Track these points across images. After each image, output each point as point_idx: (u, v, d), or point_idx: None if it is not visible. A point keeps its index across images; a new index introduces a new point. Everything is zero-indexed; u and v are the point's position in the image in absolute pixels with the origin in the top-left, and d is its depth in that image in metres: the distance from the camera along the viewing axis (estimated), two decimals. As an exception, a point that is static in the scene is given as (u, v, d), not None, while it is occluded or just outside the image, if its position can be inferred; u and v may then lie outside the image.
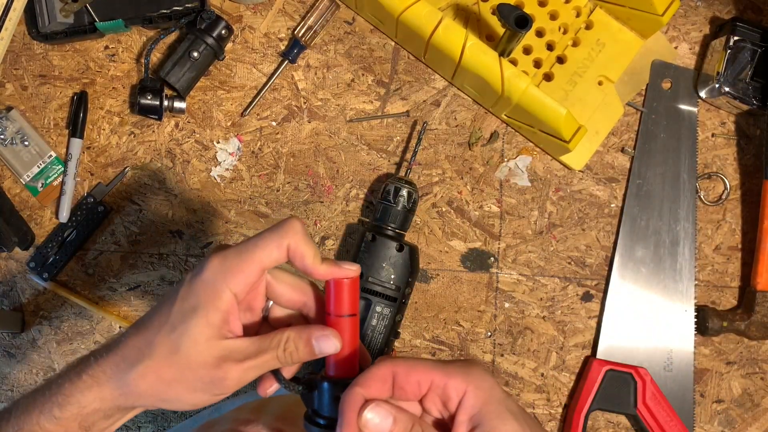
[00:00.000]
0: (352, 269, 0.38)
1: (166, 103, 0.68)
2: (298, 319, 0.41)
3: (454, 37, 0.63)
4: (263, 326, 0.41)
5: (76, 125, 0.69)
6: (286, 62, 0.70)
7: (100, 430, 0.38)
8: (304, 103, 0.71)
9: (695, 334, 0.69)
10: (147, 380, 0.36)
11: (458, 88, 0.71)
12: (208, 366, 0.36)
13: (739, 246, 0.71)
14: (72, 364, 0.38)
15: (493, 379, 0.36)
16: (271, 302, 0.40)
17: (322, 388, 0.38)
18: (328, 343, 0.37)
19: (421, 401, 0.36)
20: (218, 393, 0.37)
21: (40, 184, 0.70)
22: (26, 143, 0.69)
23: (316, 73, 0.71)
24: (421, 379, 0.34)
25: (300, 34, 0.70)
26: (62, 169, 0.70)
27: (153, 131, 0.71)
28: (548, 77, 0.70)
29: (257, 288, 0.39)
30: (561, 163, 0.71)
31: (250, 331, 0.40)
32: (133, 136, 0.71)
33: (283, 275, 0.39)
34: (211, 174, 0.70)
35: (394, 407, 0.34)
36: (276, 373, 0.39)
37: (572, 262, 0.70)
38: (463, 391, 0.34)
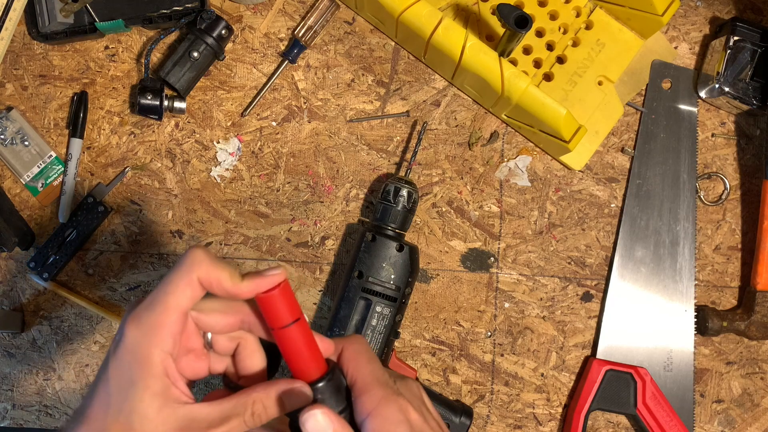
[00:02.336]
0: (275, 274, 0.35)
1: (166, 103, 0.68)
2: (247, 340, 0.38)
3: (454, 37, 0.63)
4: (213, 360, 0.38)
5: (76, 125, 0.69)
6: (286, 62, 0.70)
7: None
8: (304, 103, 0.71)
9: (695, 334, 0.69)
10: None
11: (458, 88, 0.71)
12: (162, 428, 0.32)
13: (739, 246, 0.71)
14: None
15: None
16: (209, 334, 0.37)
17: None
18: (300, 398, 0.34)
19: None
20: None
21: (40, 184, 0.70)
22: (26, 143, 0.69)
23: (316, 73, 0.71)
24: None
25: (300, 34, 0.70)
26: (62, 169, 0.70)
27: (153, 131, 0.71)
28: (548, 77, 0.70)
29: (187, 330, 0.35)
30: (561, 163, 0.71)
31: (200, 372, 0.36)
32: (133, 136, 0.71)
33: (207, 304, 0.36)
34: (211, 174, 0.71)
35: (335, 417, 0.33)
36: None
37: (572, 262, 0.70)
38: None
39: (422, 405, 0.36)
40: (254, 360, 0.38)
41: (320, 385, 0.35)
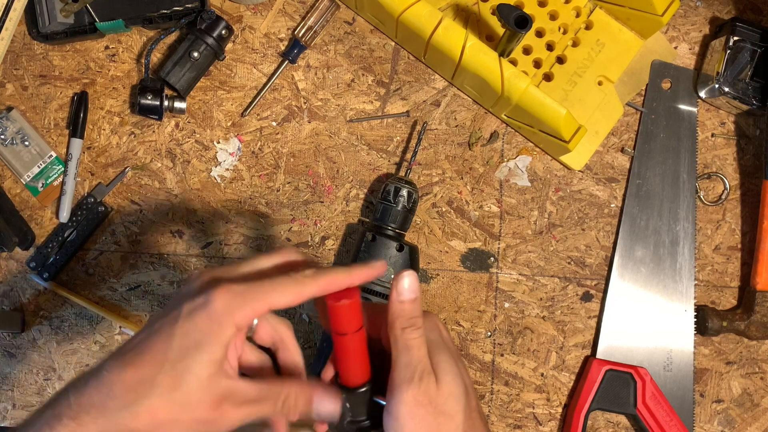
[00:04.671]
0: (377, 266, 0.39)
1: (166, 103, 0.68)
2: (288, 336, 0.41)
3: (454, 37, 0.63)
4: (245, 348, 0.40)
5: (76, 125, 0.69)
6: (286, 62, 0.70)
7: None
8: (304, 103, 0.71)
9: (695, 334, 0.69)
10: (140, 421, 0.33)
11: (458, 88, 0.71)
12: (207, 406, 0.34)
13: (739, 246, 0.71)
14: (48, 402, 0.34)
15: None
16: (255, 321, 0.39)
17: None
18: (328, 404, 0.37)
19: None
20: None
21: (40, 184, 0.70)
22: (26, 143, 0.69)
23: (316, 74, 0.71)
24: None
25: (300, 35, 0.70)
26: (62, 169, 0.70)
27: (153, 131, 0.71)
28: (548, 77, 0.70)
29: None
30: (561, 163, 0.71)
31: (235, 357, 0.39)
32: (133, 136, 0.71)
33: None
34: (211, 174, 0.71)
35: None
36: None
37: (572, 262, 0.70)
38: None
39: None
40: (294, 356, 0.40)
41: (357, 391, 0.38)
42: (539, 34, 0.71)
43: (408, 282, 0.38)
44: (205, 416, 0.34)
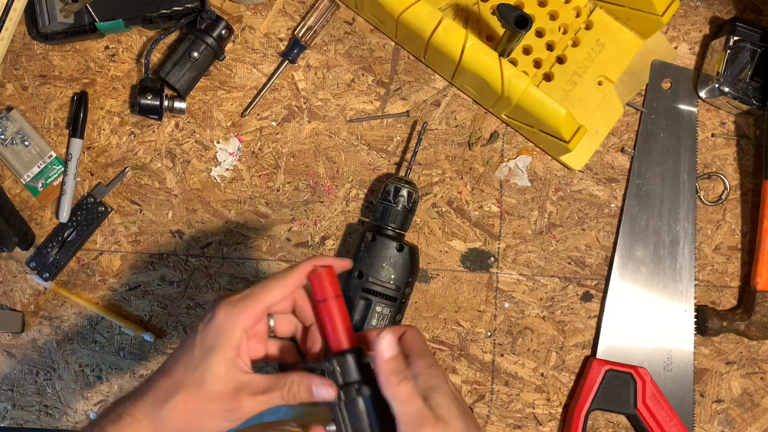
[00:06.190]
0: (334, 259, 0.46)
1: (166, 103, 0.68)
2: (300, 333, 0.49)
3: (454, 37, 0.63)
4: (271, 347, 0.48)
5: (76, 125, 0.69)
6: (286, 62, 0.70)
7: None
8: (304, 103, 0.71)
9: (695, 334, 0.69)
10: (177, 413, 0.42)
11: (458, 88, 0.71)
12: (227, 396, 0.43)
13: (739, 246, 0.71)
14: (109, 407, 0.44)
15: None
16: (272, 321, 0.47)
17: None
18: (324, 391, 0.44)
19: None
20: (234, 419, 0.43)
21: (40, 184, 0.70)
22: (26, 143, 0.69)
23: (316, 74, 0.71)
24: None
25: (300, 34, 0.70)
26: (62, 169, 0.70)
27: (153, 131, 0.71)
28: (548, 77, 0.70)
29: (258, 326, 0.46)
30: (561, 163, 0.71)
31: (258, 353, 0.47)
32: (133, 136, 0.71)
33: None
34: (211, 174, 0.71)
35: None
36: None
37: (572, 262, 0.70)
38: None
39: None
40: (315, 343, 0.47)
41: (346, 356, 0.43)
42: (539, 34, 0.71)
43: (387, 341, 0.43)
44: (226, 405, 0.43)
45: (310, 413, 0.61)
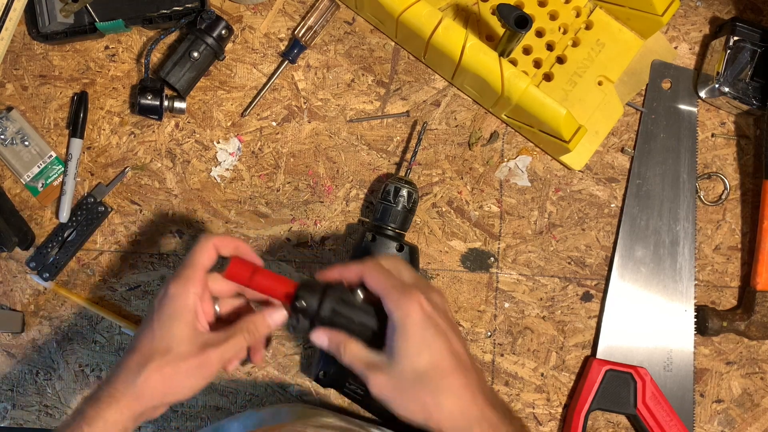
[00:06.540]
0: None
1: (166, 103, 0.68)
2: (244, 307, 0.53)
3: (454, 37, 0.63)
4: (218, 326, 0.51)
5: (76, 125, 0.69)
6: (286, 62, 0.70)
7: None
8: (304, 103, 0.71)
9: (695, 334, 0.69)
10: (153, 380, 0.45)
11: (458, 88, 0.71)
12: (194, 355, 0.46)
13: (739, 246, 0.71)
14: (86, 397, 0.47)
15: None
16: (217, 305, 0.52)
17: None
18: (277, 314, 0.50)
19: None
20: (207, 375, 0.47)
21: (40, 184, 0.70)
22: (26, 143, 0.69)
23: (316, 73, 0.71)
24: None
25: (300, 34, 0.70)
26: (62, 169, 0.70)
27: (153, 131, 0.71)
28: (548, 77, 0.70)
29: (205, 297, 0.50)
30: (561, 163, 0.71)
31: (209, 320, 0.50)
32: (133, 136, 0.71)
33: (216, 282, 0.51)
34: (211, 174, 0.71)
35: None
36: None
37: (572, 262, 0.70)
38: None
39: (437, 304, 0.48)
40: (255, 293, 0.51)
41: (296, 300, 0.48)
42: (539, 34, 0.71)
43: (366, 265, 0.49)
44: (196, 362, 0.46)
45: (306, 415, 0.61)
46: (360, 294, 0.49)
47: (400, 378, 0.45)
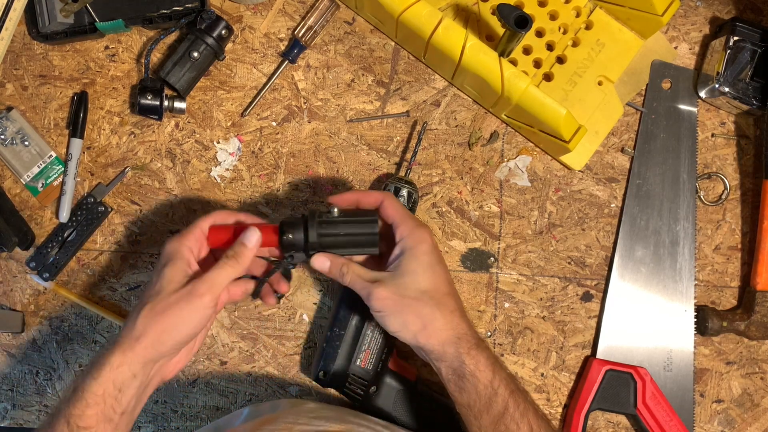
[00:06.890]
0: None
1: (166, 103, 0.68)
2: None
3: (454, 37, 0.63)
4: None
5: (76, 125, 0.69)
6: (286, 62, 0.70)
7: (127, 390, 0.48)
8: (304, 103, 0.71)
9: (695, 334, 0.69)
10: (147, 318, 0.49)
11: (458, 88, 0.71)
12: (183, 287, 0.50)
13: (739, 246, 0.71)
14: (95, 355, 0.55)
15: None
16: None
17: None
18: (250, 233, 0.54)
19: None
20: (200, 306, 0.50)
21: (40, 184, 0.70)
22: (26, 143, 0.69)
23: (316, 73, 0.71)
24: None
25: (300, 34, 0.70)
26: (62, 169, 0.70)
27: (153, 131, 0.71)
28: (548, 77, 0.70)
29: (202, 252, 0.56)
30: (561, 163, 0.71)
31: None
32: (133, 136, 0.71)
33: None
34: (211, 174, 0.71)
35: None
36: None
37: (572, 262, 0.70)
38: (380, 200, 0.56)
39: (437, 242, 0.56)
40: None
41: (282, 227, 0.54)
42: (539, 34, 0.71)
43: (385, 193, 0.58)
44: (185, 292, 0.50)
45: (297, 405, 0.61)
46: (335, 211, 0.55)
47: (404, 293, 0.52)
